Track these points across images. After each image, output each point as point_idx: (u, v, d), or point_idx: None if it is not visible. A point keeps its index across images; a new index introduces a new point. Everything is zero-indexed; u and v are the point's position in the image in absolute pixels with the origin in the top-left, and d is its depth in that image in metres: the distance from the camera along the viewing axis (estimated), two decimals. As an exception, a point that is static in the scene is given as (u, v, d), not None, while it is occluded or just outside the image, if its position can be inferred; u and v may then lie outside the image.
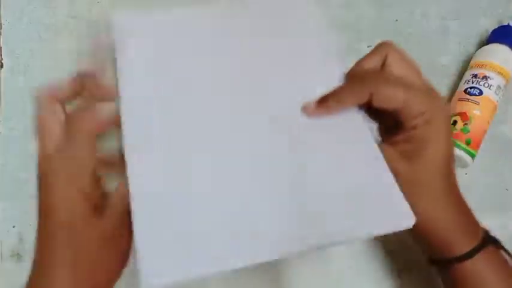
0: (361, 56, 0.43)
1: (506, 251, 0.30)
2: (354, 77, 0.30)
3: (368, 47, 0.44)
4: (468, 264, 0.28)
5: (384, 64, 0.29)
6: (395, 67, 0.28)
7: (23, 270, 0.38)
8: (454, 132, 0.38)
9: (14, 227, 0.38)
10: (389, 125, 0.30)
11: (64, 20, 0.44)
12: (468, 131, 0.37)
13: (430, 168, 0.27)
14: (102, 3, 0.44)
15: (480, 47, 0.42)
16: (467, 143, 0.37)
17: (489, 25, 0.44)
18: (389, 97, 0.27)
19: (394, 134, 0.29)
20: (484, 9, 0.45)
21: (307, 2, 0.35)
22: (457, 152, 0.37)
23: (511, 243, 0.38)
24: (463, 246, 0.28)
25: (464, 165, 0.38)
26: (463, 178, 0.40)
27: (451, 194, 0.29)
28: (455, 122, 0.38)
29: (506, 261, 0.30)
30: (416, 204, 0.26)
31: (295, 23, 0.34)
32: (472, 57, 0.42)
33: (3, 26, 0.44)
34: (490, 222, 0.39)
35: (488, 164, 0.40)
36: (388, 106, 0.27)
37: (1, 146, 0.40)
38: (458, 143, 0.37)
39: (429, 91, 0.28)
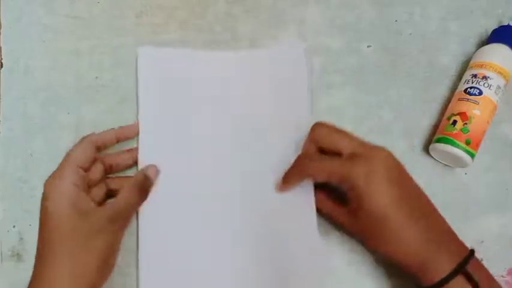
0: (361, 56, 0.43)
1: (472, 279, 0.30)
2: (294, 162, 0.36)
3: (368, 47, 0.44)
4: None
5: (319, 146, 0.35)
6: (327, 145, 0.34)
7: (23, 270, 0.38)
8: (454, 132, 0.38)
9: (14, 227, 0.38)
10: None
11: (64, 20, 0.44)
12: (468, 131, 0.37)
13: (375, 215, 0.31)
14: (102, 3, 0.44)
15: (480, 47, 0.42)
16: (467, 142, 0.37)
17: (489, 25, 0.44)
18: (316, 174, 0.34)
19: (345, 196, 0.34)
20: (484, 9, 0.45)
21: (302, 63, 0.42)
22: (457, 152, 0.37)
23: (511, 243, 0.38)
24: (436, 273, 0.30)
25: (464, 165, 0.39)
26: (463, 178, 0.40)
27: (413, 225, 0.31)
28: (455, 122, 0.38)
29: (487, 278, 0.30)
30: (378, 247, 0.33)
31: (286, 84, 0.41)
32: (472, 57, 0.42)
33: (3, 26, 0.44)
34: (490, 222, 0.39)
35: (488, 164, 0.40)
36: (318, 180, 0.35)
37: (1, 146, 0.40)
38: (458, 142, 0.37)
39: (356, 152, 0.32)
